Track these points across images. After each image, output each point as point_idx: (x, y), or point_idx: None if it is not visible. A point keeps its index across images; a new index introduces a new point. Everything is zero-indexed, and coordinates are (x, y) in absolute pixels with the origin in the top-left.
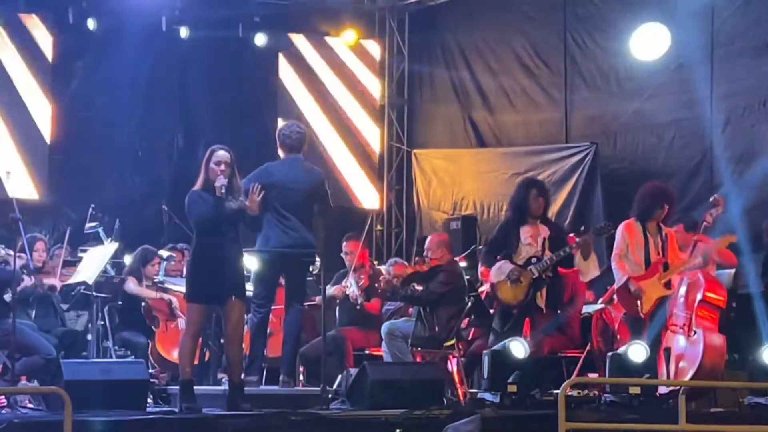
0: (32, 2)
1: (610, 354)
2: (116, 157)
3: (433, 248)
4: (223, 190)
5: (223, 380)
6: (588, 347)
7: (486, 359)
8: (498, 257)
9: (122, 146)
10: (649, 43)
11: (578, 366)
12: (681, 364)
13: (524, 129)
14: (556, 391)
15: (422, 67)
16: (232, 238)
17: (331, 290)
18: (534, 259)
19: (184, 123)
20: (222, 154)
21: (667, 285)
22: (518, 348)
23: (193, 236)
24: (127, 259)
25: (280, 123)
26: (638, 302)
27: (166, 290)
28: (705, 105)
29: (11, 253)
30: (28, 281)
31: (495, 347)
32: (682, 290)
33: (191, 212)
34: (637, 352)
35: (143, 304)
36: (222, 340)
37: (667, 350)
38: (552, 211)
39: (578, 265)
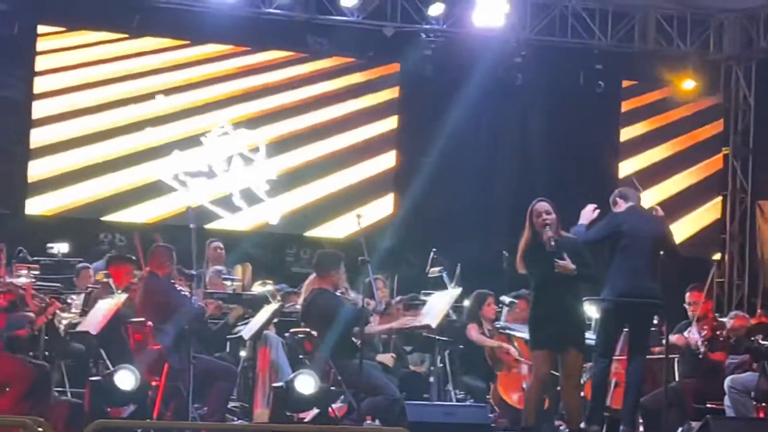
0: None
1: None
2: (457, 201)
3: None
4: (553, 243)
5: (561, 428)
6: None
7: None
8: None
9: (463, 190)
10: None
11: None
12: None
13: None
14: None
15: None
16: (571, 287)
17: (672, 338)
18: None
19: (522, 168)
20: (541, 204)
21: None
22: None
23: (532, 283)
24: (465, 303)
25: (621, 170)
26: None
27: (508, 336)
28: None
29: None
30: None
31: None
32: None
33: (526, 267)
34: None
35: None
36: (558, 388)
37: None
38: None
39: None
